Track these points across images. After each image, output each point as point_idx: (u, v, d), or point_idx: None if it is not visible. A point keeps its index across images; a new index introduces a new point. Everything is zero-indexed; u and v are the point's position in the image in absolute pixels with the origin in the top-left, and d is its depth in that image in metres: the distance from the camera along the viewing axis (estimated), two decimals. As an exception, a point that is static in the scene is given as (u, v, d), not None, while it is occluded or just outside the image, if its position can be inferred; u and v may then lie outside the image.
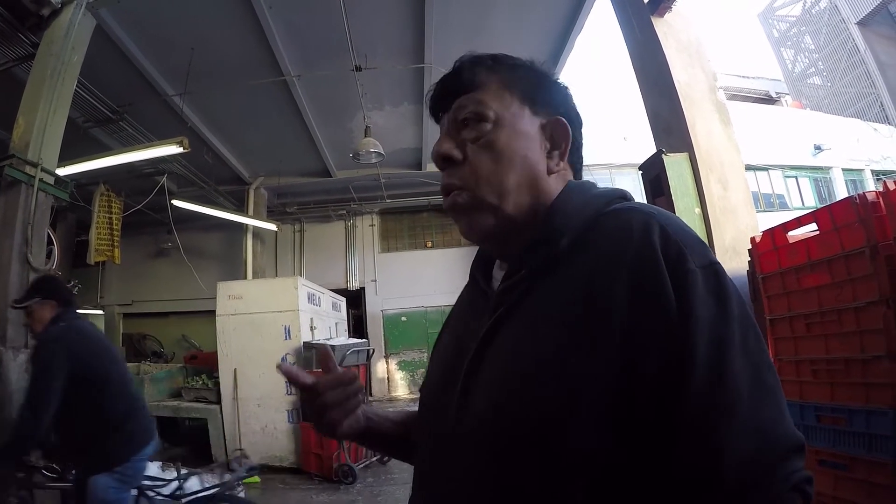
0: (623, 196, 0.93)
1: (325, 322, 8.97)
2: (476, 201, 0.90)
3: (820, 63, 42.70)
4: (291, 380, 1.02)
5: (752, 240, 3.80)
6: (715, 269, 0.75)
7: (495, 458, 0.77)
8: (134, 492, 3.33)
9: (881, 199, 2.84)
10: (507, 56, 1.02)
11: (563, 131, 0.97)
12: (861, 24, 37.21)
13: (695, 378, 0.66)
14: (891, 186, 2.80)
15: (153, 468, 4.79)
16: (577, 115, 1.03)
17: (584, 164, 1.04)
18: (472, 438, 0.81)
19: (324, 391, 1.02)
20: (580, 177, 1.02)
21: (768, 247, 3.63)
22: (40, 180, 5.09)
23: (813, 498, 0.68)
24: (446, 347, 1.04)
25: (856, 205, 2.91)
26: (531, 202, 0.91)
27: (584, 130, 1.04)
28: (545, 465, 0.72)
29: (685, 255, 0.74)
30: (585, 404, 0.70)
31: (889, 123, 25.51)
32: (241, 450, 6.74)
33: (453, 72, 1.00)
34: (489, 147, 0.91)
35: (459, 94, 0.96)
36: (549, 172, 0.94)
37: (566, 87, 1.04)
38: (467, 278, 1.10)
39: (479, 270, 1.06)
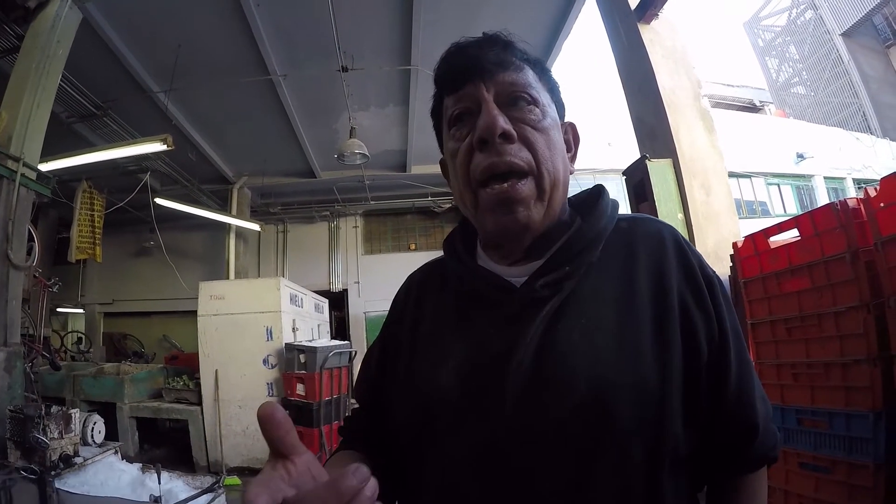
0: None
1: (307, 323, 8.93)
2: (538, 191, 0.88)
3: (804, 73, 43.11)
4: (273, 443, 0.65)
5: (735, 245, 3.84)
6: (718, 275, 0.94)
7: (593, 450, 0.77)
8: None
9: (862, 206, 2.89)
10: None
11: (576, 135, 1.04)
12: (845, 35, 37.63)
13: (730, 360, 0.86)
14: (871, 193, 2.83)
15: (133, 470, 4.77)
16: None
17: (571, 168, 1.05)
18: (561, 437, 0.78)
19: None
20: None
21: (750, 252, 3.67)
22: (22, 175, 5.04)
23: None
24: (455, 353, 0.91)
25: (837, 211, 2.95)
26: (562, 198, 0.95)
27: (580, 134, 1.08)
28: (646, 453, 0.78)
29: (703, 262, 0.93)
30: (673, 387, 0.81)
31: (871, 133, 25.81)
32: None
33: (494, 43, 0.94)
34: (544, 132, 0.90)
35: (503, 68, 0.91)
36: (570, 173, 0.98)
37: None
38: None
39: (475, 261, 1.01)
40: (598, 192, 1.00)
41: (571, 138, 1.02)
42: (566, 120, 1.03)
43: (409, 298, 1.13)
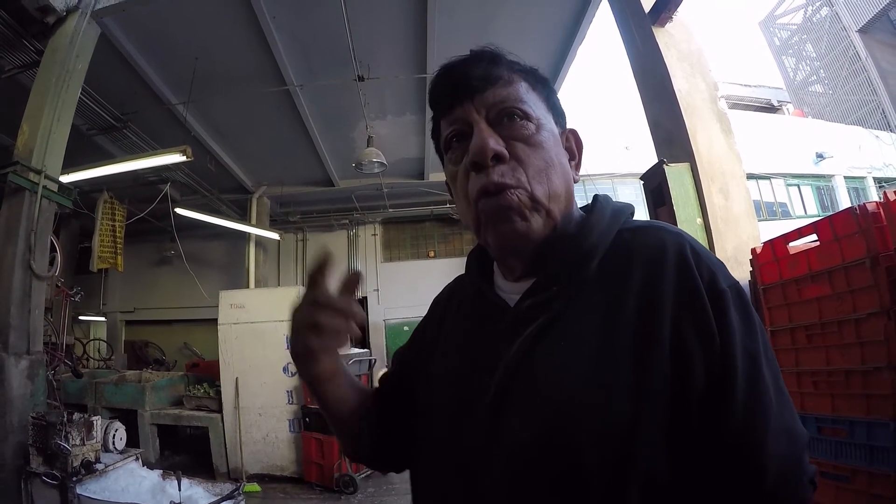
0: (632, 211, 0.96)
1: (327, 331, 8.93)
2: (532, 202, 0.87)
3: (821, 71, 42.67)
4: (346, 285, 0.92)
5: (753, 251, 3.80)
6: (738, 288, 0.81)
7: (548, 482, 0.76)
8: None
9: (881, 210, 2.85)
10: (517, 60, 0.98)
11: (578, 143, 1.01)
12: (862, 31, 37.23)
13: (737, 389, 0.73)
14: (891, 197, 2.80)
15: (154, 477, 4.81)
16: None
17: (587, 173, 1.04)
18: (520, 462, 0.78)
19: (326, 307, 0.90)
20: None
21: (769, 258, 3.63)
22: (44, 187, 5.12)
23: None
24: (453, 367, 0.97)
25: (856, 215, 2.91)
26: (566, 210, 0.93)
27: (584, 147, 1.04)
28: (607, 485, 0.72)
29: (716, 275, 0.80)
30: (647, 417, 0.73)
31: (891, 131, 25.49)
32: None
33: (481, 60, 0.93)
34: (537, 147, 0.89)
35: (490, 84, 0.91)
36: (574, 181, 0.96)
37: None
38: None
39: (483, 281, 1.02)
40: (593, 202, 0.97)
41: (574, 145, 1.00)
42: (568, 127, 1.01)
43: (438, 308, 1.20)
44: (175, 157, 6.73)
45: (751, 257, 3.86)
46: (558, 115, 0.99)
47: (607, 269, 0.85)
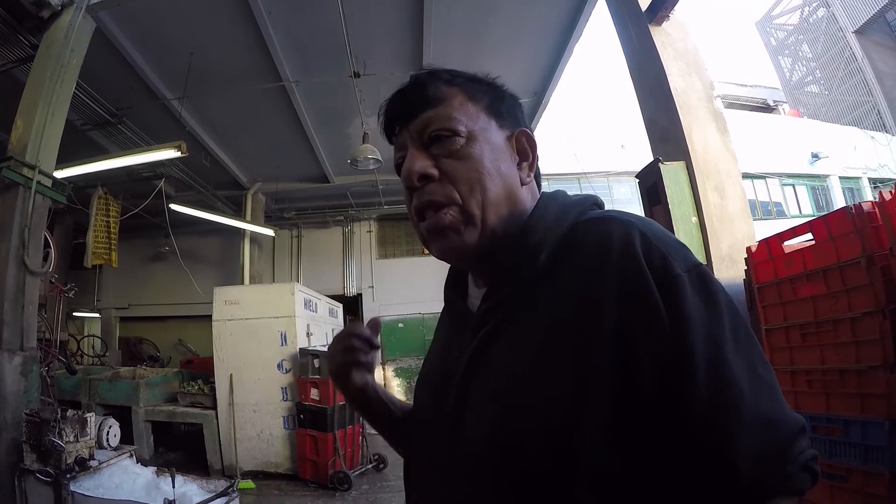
0: (595, 202, 0.94)
1: (321, 328, 8.95)
2: (464, 216, 0.88)
3: (817, 71, 42.72)
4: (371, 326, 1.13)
5: (748, 249, 3.80)
6: (699, 271, 0.76)
7: (499, 478, 0.76)
8: None
9: (877, 209, 2.85)
10: (461, 71, 1.00)
11: (531, 142, 0.98)
12: (858, 32, 37.25)
13: (697, 379, 0.69)
14: (886, 196, 2.80)
15: (148, 474, 4.80)
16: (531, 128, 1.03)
17: (583, 171, 1.04)
18: (473, 459, 0.80)
19: (356, 337, 1.11)
20: (540, 189, 1.01)
21: (764, 256, 3.64)
22: (38, 182, 5.10)
23: (821, 472, 0.73)
24: (430, 373, 1.05)
25: (851, 215, 2.91)
26: (509, 215, 0.91)
27: (538, 146, 1.03)
28: (553, 478, 0.72)
29: (669, 260, 0.75)
30: (588, 413, 0.71)
31: (886, 132, 25.58)
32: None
33: (413, 86, 0.96)
34: (466, 159, 0.89)
35: (421, 109, 0.93)
36: (522, 184, 0.95)
37: (519, 101, 1.05)
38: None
39: (454, 290, 1.05)
40: (539, 199, 0.97)
41: (526, 145, 0.98)
42: (519, 129, 0.99)
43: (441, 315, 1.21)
44: (170, 153, 6.73)
45: (746, 256, 3.86)
46: (503, 119, 0.97)
47: (558, 265, 0.84)
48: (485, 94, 0.97)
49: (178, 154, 6.63)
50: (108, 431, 4.92)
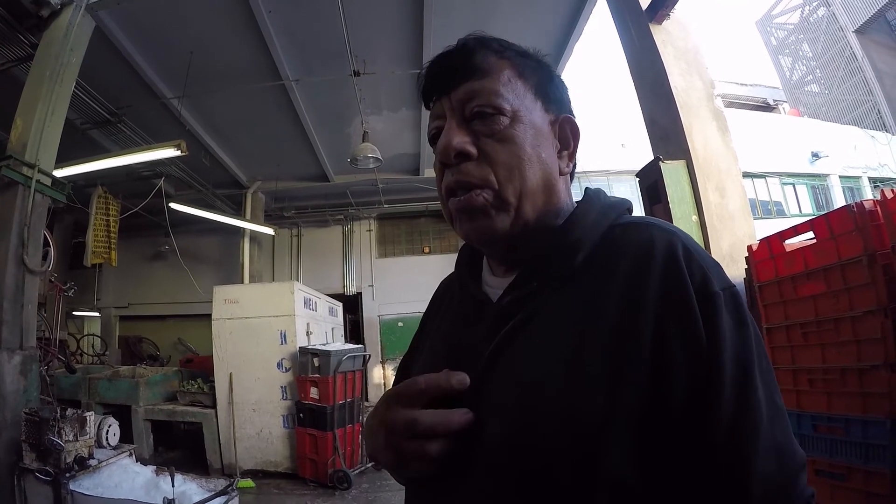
0: (629, 207, 0.92)
1: (321, 327, 8.94)
2: (498, 201, 0.84)
3: (818, 71, 42.65)
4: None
5: (749, 248, 3.79)
6: (733, 292, 0.75)
7: (518, 480, 0.73)
8: None
9: (879, 208, 2.83)
10: (512, 43, 0.94)
11: (574, 131, 0.95)
12: (859, 32, 37.20)
13: (724, 400, 0.68)
14: (888, 195, 2.79)
15: (148, 473, 4.80)
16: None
17: (583, 170, 1.01)
18: (491, 458, 0.76)
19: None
20: (572, 180, 0.98)
21: (765, 255, 3.62)
22: (37, 181, 5.10)
23: None
24: (434, 361, 0.95)
25: (853, 213, 2.90)
26: (544, 206, 0.88)
27: (581, 136, 0.98)
28: (574, 487, 0.69)
29: (709, 277, 0.74)
30: (619, 424, 0.69)
31: (886, 131, 25.52)
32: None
33: (460, 51, 0.90)
34: (508, 142, 0.84)
35: (465, 78, 0.88)
36: (560, 174, 0.91)
37: (567, 86, 1.00)
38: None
39: (469, 275, 1.01)
40: (584, 195, 0.93)
41: (569, 134, 0.94)
42: (564, 114, 0.95)
43: (433, 306, 1.19)
44: (169, 152, 6.72)
45: (746, 255, 3.85)
46: (550, 102, 0.93)
47: (594, 265, 0.81)
48: (535, 72, 0.93)
49: (178, 153, 6.63)
50: (107, 430, 4.91)
